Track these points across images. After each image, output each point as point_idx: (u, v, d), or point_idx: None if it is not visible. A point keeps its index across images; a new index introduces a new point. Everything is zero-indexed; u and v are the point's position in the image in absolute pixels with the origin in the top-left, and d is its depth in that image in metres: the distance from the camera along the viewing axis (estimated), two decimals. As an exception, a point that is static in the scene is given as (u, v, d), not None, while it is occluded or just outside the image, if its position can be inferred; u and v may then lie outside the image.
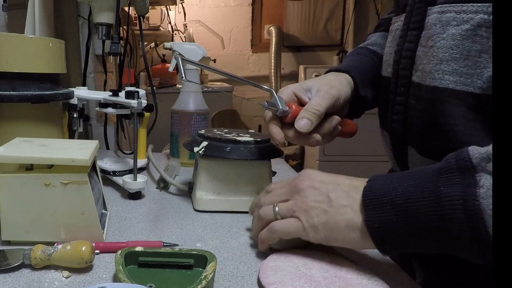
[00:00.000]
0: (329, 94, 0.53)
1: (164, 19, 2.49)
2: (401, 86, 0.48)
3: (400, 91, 0.48)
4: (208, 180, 0.63)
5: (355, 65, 0.61)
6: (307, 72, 2.76)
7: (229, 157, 0.61)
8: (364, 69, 0.61)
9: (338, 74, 0.59)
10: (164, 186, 0.73)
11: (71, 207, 0.47)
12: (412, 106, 0.47)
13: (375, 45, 0.65)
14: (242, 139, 0.63)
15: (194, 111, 0.90)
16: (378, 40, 0.66)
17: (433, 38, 0.42)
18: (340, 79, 0.58)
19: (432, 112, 0.43)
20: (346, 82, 0.58)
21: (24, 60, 0.57)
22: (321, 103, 0.52)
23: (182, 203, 0.67)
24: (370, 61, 0.62)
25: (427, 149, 0.45)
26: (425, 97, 0.44)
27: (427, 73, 0.43)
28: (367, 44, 0.66)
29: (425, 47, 0.44)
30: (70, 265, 0.42)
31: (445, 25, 0.41)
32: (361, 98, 0.60)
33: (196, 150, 0.63)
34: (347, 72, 0.59)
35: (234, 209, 0.63)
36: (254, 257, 0.48)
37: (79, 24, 1.20)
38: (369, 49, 0.64)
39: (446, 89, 0.41)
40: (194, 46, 0.91)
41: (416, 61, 0.46)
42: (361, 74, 0.60)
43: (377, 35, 0.67)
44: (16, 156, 0.45)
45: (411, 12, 0.47)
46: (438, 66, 0.41)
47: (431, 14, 0.43)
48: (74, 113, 0.72)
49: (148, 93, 0.92)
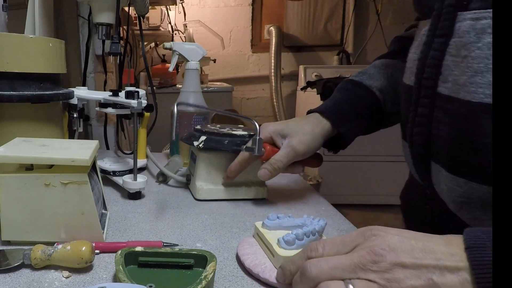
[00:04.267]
0: (294, 152, 0.61)
1: (164, 19, 2.49)
2: (424, 97, 0.45)
3: (423, 102, 0.45)
4: (207, 171, 0.68)
5: (332, 105, 0.65)
6: (307, 72, 2.77)
7: (228, 150, 0.66)
8: (342, 106, 0.64)
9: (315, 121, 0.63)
10: (163, 180, 0.75)
11: (71, 207, 0.47)
12: (439, 119, 0.43)
13: (364, 74, 0.66)
14: (237, 133, 0.68)
15: (194, 111, 0.90)
16: (370, 70, 0.67)
17: (467, 47, 0.39)
18: (314, 131, 0.62)
19: (464, 128, 0.40)
20: (320, 132, 0.62)
21: (24, 60, 0.57)
22: (283, 160, 0.61)
23: (182, 203, 0.67)
24: (350, 96, 0.65)
25: (457, 167, 0.42)
26: (456, 111, 0.40)
27: (460, 85, 0.40)
28: (357, 74, 0.67)
29: (455, 56, 0.41)
30: (70, 265, 0.42)
31: (481, 33, 0.37)
32: (341, 135, 0.64)
33: (196, 144, 0.67)
34: (322, 113, 0.64)
35: (231, 197, 0.68)
36: (254, 257, 0.48)
37: (79, 24, 1.20)
38: (353, 81, 0.66)
39: (481, 103, 0.37)
40: (194, 46, 0.91)
41: (444, 71, 0.42)
42: (337, 113, 0.63)
43: (374, 63, 0.68)
44: (16, 156, 0.45)
45: (438, 17, 0.43)
46: (473, 78, 0.38)
47: (463, 21, 0.40)
48: (74, 113, 0.72)
49: (148, 93, 0.92)
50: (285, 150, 0.61)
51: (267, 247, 0.46)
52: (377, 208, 2.40)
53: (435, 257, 0.31)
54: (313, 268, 0.34)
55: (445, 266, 0.30)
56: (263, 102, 3.14)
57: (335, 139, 0.65)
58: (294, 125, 0.63)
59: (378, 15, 2.88)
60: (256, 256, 0.45)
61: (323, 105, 0.66)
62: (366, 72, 0.66)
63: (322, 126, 0.63)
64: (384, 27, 2.88)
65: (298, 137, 0.61)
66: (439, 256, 0.31)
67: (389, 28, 2.90)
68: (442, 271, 0.30)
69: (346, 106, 0.64)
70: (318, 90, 2.41)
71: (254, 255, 0.45)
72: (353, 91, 0.65)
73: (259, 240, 0.49)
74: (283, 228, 0.48)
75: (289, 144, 0.61)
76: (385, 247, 0.32)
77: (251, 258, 0.45)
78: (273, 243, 0.44)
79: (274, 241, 0.45)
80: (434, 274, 0.30)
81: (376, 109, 0.64)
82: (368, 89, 0.64)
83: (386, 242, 0.32)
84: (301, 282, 0.35)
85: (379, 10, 2.86)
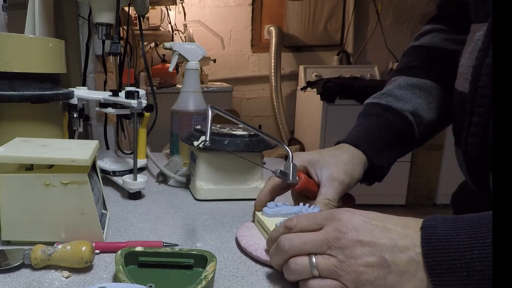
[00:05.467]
0: (341, 185, 0.53)
1: (164, 19, 2.49)
2: (480, 106, 0.43)
3: (479, 111, 0.43)
4: (207, 171, 0.68)
5: (364, 136, 0.58)
6: (307, 72, 2.77)
7: (228, 150, 0.65)
8: (375, 136, 0.58)
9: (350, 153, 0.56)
10: (163, 180, 0.75)
11: (71, 207, 0.47)
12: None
13: (389, 96, 0.61)
14: (237, 133, 0.68)
15: (194, 111, 0.90)
16: (395, 91, 0.61)
17: None
18: (353, 162, 0.55)
19: None
20: (359, 163, 0.55)
21: (24, 60, 0.57)
22: (336, 197, 0.52)
23: (182, 203, 0.67)
24: (381, 123, 0.59)
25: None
26: None
27: None
28: (382, 95, 0.61)
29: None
30: (70, 265, 0.42)
31: None
32: (376, 167, 0.58)
33: (196, 144, 0.67)
34: (356, 146, 0.57)
35: (231, 197, 0.68)
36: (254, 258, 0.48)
37: (79, 24, 1.20)
38: (380, 104, 0.60)
39: None
40: (194, 46, 0.91)
41: None
42: (372, 144, 0.57)
43: (397, 82, 0.62)
44: (16, 156, 0.45)
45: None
46: None
47: None
48: (74, 113, 0.72)
49: (148, 93, 0.92)
50: (331, 185, 0.53)
51: (266, 232, 0.49)
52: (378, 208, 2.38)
53: (391, 237, 0.34)
54: (286, 243, 0.38)
55: (397, 245, 0.34)
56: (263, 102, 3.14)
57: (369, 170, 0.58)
58: (329, 155, 0.56)
59: (378, 15, 2.88)
60: (252, 237, 0.50)
61: (353, 135, 0.59)
62: (391, 94, 0.61)
63: (359, 157, 0.56)
64: (384, 27, 2.88)
65: (339, 168, 0.54)
66: (394, 236, 0.34)
67: (389, 28, 2.90)
68: (394, 250, 0.34)
69: (378, 135, 0.58)
70: (318, 90, 2.42)
71: (250, 237, 0.50)
72: (384, 117, 0.59)
73: (259, 226, 0.53)
74: (281, 215, 0.51)
75: (332, 177, 0.53)
76: (348, 226, 0.36)
77: (247, 239, 0.50)
78: (271, 228, 0.47)
79: (272, 226, 0.48)
80: (386, 252, 0.34)
81: (410, 134, 0.59)
82: (400, 113, 0.59)
83: (350, 221, 0.36)
84: (276, 254, 0.40)
85: (379, 10, 2.86)
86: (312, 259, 0.36)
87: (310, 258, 0.37)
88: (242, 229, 0.53)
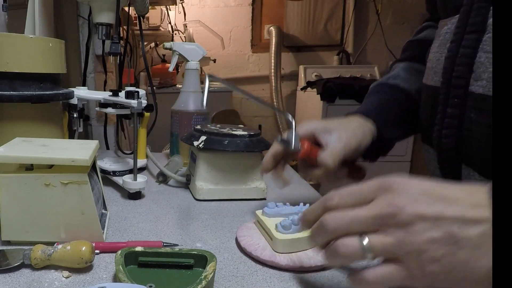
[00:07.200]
0: (349, 146, 0.52)
1: (164, 19, 2.49)
2: (455, 97, 0.43)
3: (453, 102, 0.43)
4: (207, 171, 0.68)
5: (375, 107, 0.59)
6: (307, 72, 2.77)
7: (228, 150, 0.66)
8: (385, 109, 0.59)
9: (360, 121, 0.56)
10: (163, 180, 0.75)
11: (71, 207, 0.47)
12: (471, 119, 0.41)
13: (396, 78, 0.62)
14: (237, 133, 0.68)
15: (194, 111, 0.90)
16: (401, 73, 0.62)
17: None
18: (363, 129, 0.55)
19: None
20: (368, 131, 0.56)
21: (24, 60, 0.57)
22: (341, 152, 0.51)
23: (182, 203, 0.67)
24: (391, 99, 0.60)
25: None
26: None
27: None
28: (388, 78, 0.63)
29: (490, 52, 0.39)
30: (70, 265, 0.42)
31: None
32: (385, 140, 0.58)
33: (196, 144, 0.67)
34: (367, 115, 0.57)
35: (231, 197, 0.68)
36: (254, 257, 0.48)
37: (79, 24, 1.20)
38: (389, 84, 0.61)
39: None
40: (194, 46, 0.91)
41: (476, 68, 0.40)
42: (382, 116, 0.57)
43: (401, 66, 0.64)
44: (16, 156, 0.45)
45: (467, 13, 0.41)
46: None
47: None
48: (74, 113, 0.72)
49: (148, 93, 0.92)
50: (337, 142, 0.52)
51: (266, 232, 0.50)
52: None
53: (457, 209, 0.29)
54: (331, 222, 0.33)
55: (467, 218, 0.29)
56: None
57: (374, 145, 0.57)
58: (338, 122, 0.56)
59: (378, 15, 2.88)
60: (251, 237, 0.51)
61: (363, 108, 0.60)
62: (398, 76, 0.62)
63: (368, 126, 0.56)
64: (384, 27, 2.88)
65: (347, 131, 0.53)
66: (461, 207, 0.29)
67: (389, 28, 2.90)
68: (463, 223, 0.29)
69: (388, 110, 0.59)
70: (318, 90, 2.41)
71: (250, 237, 0.51)
72: (392, 94, 0.60)
73: (259, 226, 0.54)
74: (281, 215, 0.52)
75: (340, 138, 0.52)
76: (405, 198, 0.31)
77: (247, 239, 0.50)
78: (271, 228, 0.49)
79: (272, 226, 0.49)
80: (454, 226, 0.29)
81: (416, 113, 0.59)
82: (408, 92, 0.60)
83: (405, 193, 0.31)
84: (318, 234, 0.34)
85: (379, 10, 2.86)
86: (365, 240, 0.31)
87: (361, 238, 0.31)
88: (242, 229, 0.54)
